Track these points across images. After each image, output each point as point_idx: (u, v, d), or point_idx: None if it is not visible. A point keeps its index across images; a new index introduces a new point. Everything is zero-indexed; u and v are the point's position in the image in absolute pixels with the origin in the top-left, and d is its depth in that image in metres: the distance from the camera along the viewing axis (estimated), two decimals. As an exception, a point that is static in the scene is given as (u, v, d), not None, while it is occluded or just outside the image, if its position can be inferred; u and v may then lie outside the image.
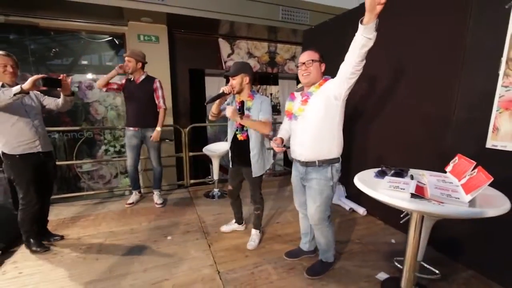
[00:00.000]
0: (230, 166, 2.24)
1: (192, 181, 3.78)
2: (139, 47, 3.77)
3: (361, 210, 2.87)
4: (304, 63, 1.65)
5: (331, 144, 1.65)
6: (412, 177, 1.16)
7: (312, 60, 1.64)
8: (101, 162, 4.60)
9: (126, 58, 2.77)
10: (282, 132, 1.89)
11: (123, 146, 4.74)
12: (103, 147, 4.68)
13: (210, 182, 3.88)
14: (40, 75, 1.82)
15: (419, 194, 0.93)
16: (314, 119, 1.63)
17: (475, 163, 1.01)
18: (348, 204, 2.99)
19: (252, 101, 1.96)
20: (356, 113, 2.89)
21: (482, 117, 1.81)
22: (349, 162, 2.77)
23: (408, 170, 1.26)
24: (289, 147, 1.82)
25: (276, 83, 6.27)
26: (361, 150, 2.88)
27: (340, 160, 1.72)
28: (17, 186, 2.03)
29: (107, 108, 4.60)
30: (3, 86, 1.92)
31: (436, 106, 2.14)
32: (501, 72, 1.72)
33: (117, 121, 4.61)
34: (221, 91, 1.89)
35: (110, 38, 4.37)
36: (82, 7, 3.35)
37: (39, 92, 2.20)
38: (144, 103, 2.88)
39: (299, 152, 1.73)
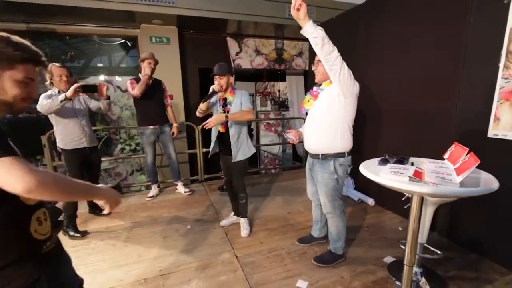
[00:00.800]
0: (220, 159, 2.45)
1: (206, 175, 3.97)
2: (151, 48, 3.95)
3: (370, 201, 2.99)
4: (315, 62, 1.80)
5: (332, 139, 1.73)
6: (412, 164, 1.29)
7: (318, 61, 1.76)
8: (125, 159, 4.83)
9: (149, 61, 2.95)
10: (303, 127, 2.01)
11: (138, 144, 4.97)
12: (119, 146, 4.91)
13: (223, 176, 4.06)
14: (79, 84, 2.16)
15: (416, 177, 1.06)
16: (318, 113, 1.77)
17: (468, 149, 1.13)
18: (356, 195, 3.12)
19: (233, 96, 2.24)
20: (365, 108, 3.00)
21: (484, 108, 1.91)
22: (357, 155, 2.88)
23: (409, 158, 1.38)
24: (301, 141, 1.95)
25: (284, 79, 6.37)
26: (369, 143, 3.00)
27: (347, 155, 1.79)
28: (69, 174, 2.41)
29: (122, 108, 4.81)
30: (59, 92, 2.28)
31: (440, 99, 2.23)
32: (501, 65, 1.80)
33: (131, 120, 4.82)
34: (212, 90, 2.14)
35: (123, 40, 4.57)
36: (98, 12, 3.54)
37: (87, 97, 2.58)
38: (159, 103, 3.19)
39: (306, 144, 1.88)
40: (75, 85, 2.15)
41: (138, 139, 4.91)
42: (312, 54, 4.41)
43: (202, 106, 2.19)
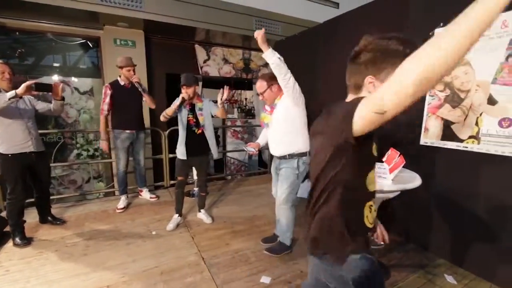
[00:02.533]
0: (184, 158, 2.54)
1: (172, 181, 3.92)
2: (115, 51, 3.86)
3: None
4: (259, 94, 2.12)
5: (295, 141, 2.03)
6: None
7: (260, 93, 2.10)
8: (82, 164, 4.52)
9: (128, 69, 2.90)
10: (261, 138, 2.35)
11: (96, 150, 4.70)
12: (75, 151, 4.60)
13: (190, 182, 4.05)
14: (33, 81, 1.99)
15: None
16: (277, 124, 2.07)
17: (399, 153, 1.38)
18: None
19: (202, 103, 2.54)
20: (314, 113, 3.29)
21: (417, 120, 2.27)
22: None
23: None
24: (260, 150, 2.27)
25: (251, 88, 6.58)
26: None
27: (308, 154, 2.06)
28: (6, 182, 2.19)
29: (80, 112, 4.54)
30: (0, 91, 2.06)
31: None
32: (428, 84, 2.18)
33: (89, 124, 4.57)
34: (181, 99, 2.37)
35: (84, 40, 4.36)
36: (56, 10, 3.37)
37: (32, 97, 2.37)
38: (138, 107, 3.12)
39: (273, 150, 2.15)
40: (28, 82, 1.98)
41: (97, 144, 4.66)
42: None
43: (169, 112, 2.41)
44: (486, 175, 1.86)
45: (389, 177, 1.24)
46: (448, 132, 2.07)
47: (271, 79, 2.04)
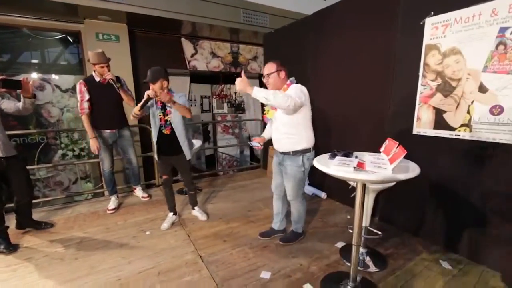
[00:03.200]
0: (157, 159, 2.49)
1: (163, 179, 3.82)
2: (98, 46, 3.67)
3: (322, 194, 3.27)
4: (264, 75, 2.01)
5: (299, 138, 1.98)
6: (356, 157, 1.50)
7: (268, 74, 1.99)
8: (68, 165, 4.33)
9: (101, 66, 2.67)
10: (265, 133, 2.29)
11: (82, 149, 4.53)
12: (60, 152, 4.41)
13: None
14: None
15: (359, 167, 1.25)
16: (281, 121, 2.01)
17: (397, 143, 1.38)
18: (310, 191, 3.38)
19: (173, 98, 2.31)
20: (315, 111, 3.28)
21: (409, 110, 2.29)
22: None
23: (353, 152, 1.61)
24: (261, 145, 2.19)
25: (239, 82, 6.50)
26: (321, 142, 3.26)
27: (312, 150, 2.05)
28: None
29: (63, 110, 4.35)
30: None
31: (376, 104, 2.60)
32: (420, 74, 2.19)
33: (74, 123, 4.39)
34: (146, 97, 2.16)
35: (63, 35, 4.14)
36: (31, 2, 3.17)
37: None
38: (117, 104, 2.89)
39: (276, 146, 2.12)
40: None
41: (84, 143, 4.49)
42: (266, 59, 4.63)
43: (136, 110, 2.20)
44: (478, 162, 1.90)
45: (389, 167, 1.24)
46: (440, 121, 2.09)
47: (281, 64, 1.99)
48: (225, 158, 6.70)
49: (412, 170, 1.28)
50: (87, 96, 2.68)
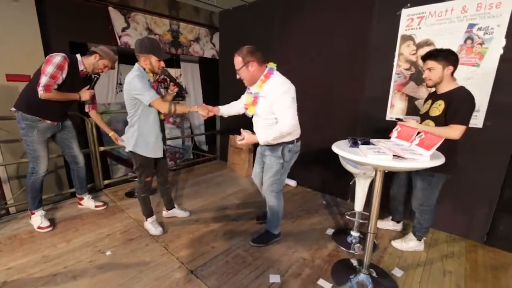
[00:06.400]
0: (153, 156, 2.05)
1: (106, 181, 3.07)
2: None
3: (292, 183, 3.26)
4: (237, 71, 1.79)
5: None
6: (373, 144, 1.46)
7: (237, 69, 1.77)
8: None
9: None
10: (227, 107, 2.06)
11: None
12: None
13: (135, 179, 3.28)
14: None
15: (396, 155, 1.22)
16: (263, 115, 1.79)
17: (417, 129, 1.42)
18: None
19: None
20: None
21: (383, 97, 2.43)
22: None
23: (369, 139, 1.57)
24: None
25: (179, 66, 5.82)
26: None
27: (296, 141, 1.88)
28: None
29: None
30: None
31: (351, 90, 2.67)
32: (394, 63, 2.34)
33: None
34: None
35: None
36: None
37: None
38: (74, 101, 2.26)
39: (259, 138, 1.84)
40: None
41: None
42: (222, 42, 4.22)
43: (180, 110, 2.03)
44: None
45: (427, 154, 1.23)
46: (412, 108, 2.29)
47: (249, 54, 1.71)
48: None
49: (439, 156, 1.31)
50: (61, 79, 2.00)
